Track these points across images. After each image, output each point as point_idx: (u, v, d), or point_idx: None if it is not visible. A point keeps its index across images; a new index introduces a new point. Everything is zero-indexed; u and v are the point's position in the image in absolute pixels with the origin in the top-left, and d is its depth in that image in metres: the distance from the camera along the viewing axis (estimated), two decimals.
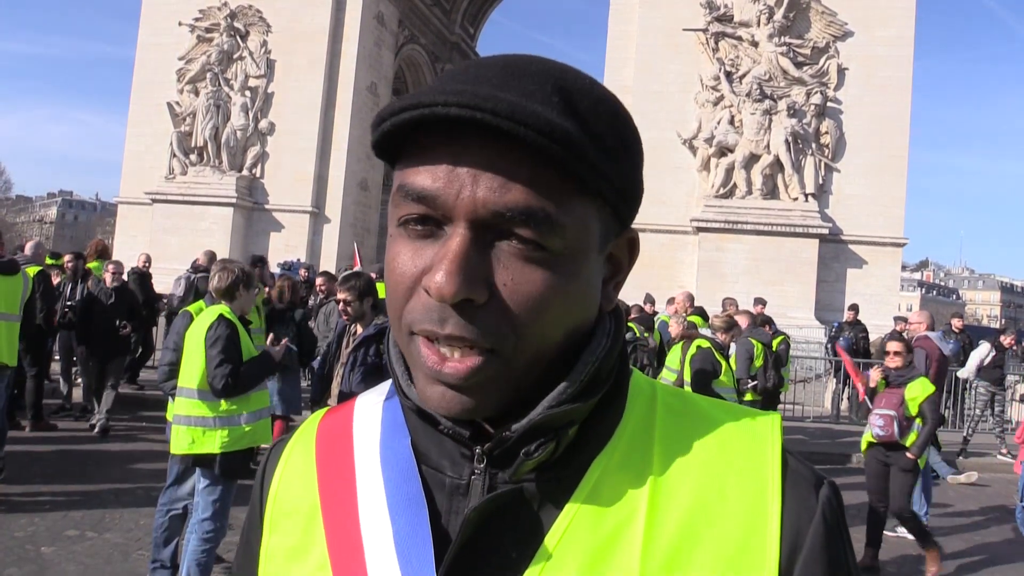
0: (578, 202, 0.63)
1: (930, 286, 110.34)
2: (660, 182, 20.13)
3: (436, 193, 0.61)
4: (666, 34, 20.35)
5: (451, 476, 0.69)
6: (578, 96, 0.64)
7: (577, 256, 0.64)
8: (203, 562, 4.48)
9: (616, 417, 0.70)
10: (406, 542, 0.67)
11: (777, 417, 0.73)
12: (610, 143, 0.64)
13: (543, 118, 0.59)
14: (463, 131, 0.60)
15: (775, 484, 0.66)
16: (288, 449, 0.80)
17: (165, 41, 23.85)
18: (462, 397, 0.63)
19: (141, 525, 5.97)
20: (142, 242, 21.25)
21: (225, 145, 23.05)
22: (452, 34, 32.65)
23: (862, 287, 19.27)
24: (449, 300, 0.60)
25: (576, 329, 0.67)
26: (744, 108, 19.52)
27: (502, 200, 0.60)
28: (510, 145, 0.60)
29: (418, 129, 0.62)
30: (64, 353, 9.81)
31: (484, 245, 0.62)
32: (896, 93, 19.68)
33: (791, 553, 0.64)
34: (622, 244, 0.72)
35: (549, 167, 0.61)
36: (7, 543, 5.45)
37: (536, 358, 0.64)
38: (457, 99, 0.58)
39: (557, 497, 0.67)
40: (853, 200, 19.59)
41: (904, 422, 5.96)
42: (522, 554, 0.65)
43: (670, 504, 0.66)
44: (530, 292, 0.61)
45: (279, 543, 0.75)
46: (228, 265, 4.94)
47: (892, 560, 6.54)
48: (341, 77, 23.59)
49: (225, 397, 4.51)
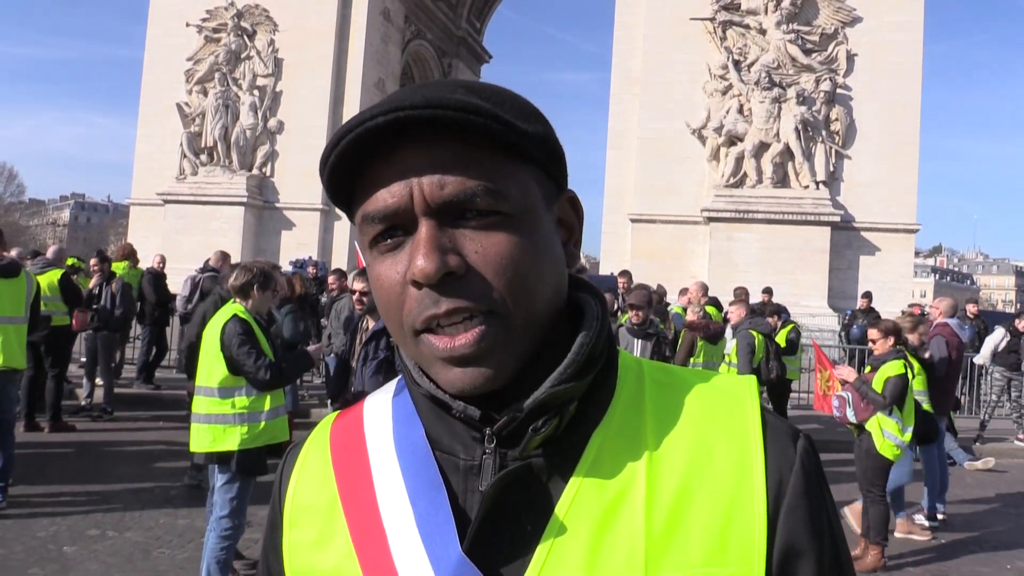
0: (511, 167, 0.71)
1: (944, 272, 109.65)
2: (669, 172, 20.10)
3: (395, 207, 0.69)
4: (673, 24, 20.26)
5: (464, 459, 0.74)
6: (479, 87, 0.73)
7: (528, 214, 0.71)
8: (222, 559, 4.53)
9: (609, 392, 0.76)
10: (428, 522, 0.72)
11: (753, 379, 0.81)
12: (517, 111, 0.72)
13: (456, 99, 0.67)
14: (397, 146, 0.69)
15: (757, 439, 0.73)
16: (304, 451, 0.86)
17: (173, 42, 23.95)
18: (479, 369, 0.69)
19: (161, 524, 6.02)
20: (155, 243, 21.37)
21: (235, 144, 23.14)
22: (459, 29, 32.62)
23: (875, 274, 19.18)
24: (434, 277, 0.67)
25: (554, 289, 0.74)
26: (753, 96, 19.43)
27: (445, 192, 0.68)
28: (437, 140, 0.68)
29: (361, 162, 0.71)
30: (89, 355, 9.88)
31: (447, 228, 0.69)
32: (906, 78, 19.55)
33: (776, 499, 0.71)
34: (565, 205, 0.79)
35: (476, 146, 0.69)
36: (30, 543, 5.51)
37: (528, 317, 0.71)
38: (379, 109, 0.68)
39: (563, 469, 0.72)
40: (864, 187, 19.49)
41: (862, 404, 5.99)
42: (537, 524, 0.71)
43: (666, 466, 0.72)
44: (499, 252, 0.69)
45: (300, 537, 0.80)
46: (248, 264, 4.99)
47: (897, 554, 6.52)
48: (349, 74, 23.64)
49: (270, 389, 4.58)
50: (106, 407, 9.68)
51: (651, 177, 20.18)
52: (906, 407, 5.99)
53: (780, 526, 0.71)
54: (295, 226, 23.29)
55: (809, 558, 0.71)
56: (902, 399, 5.94)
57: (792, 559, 0.71)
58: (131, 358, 12.34)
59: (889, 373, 5.95)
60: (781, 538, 0.71)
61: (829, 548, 0.73)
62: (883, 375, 5.96)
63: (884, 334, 6.20)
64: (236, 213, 22.74)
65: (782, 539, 0.71)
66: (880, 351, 6.19)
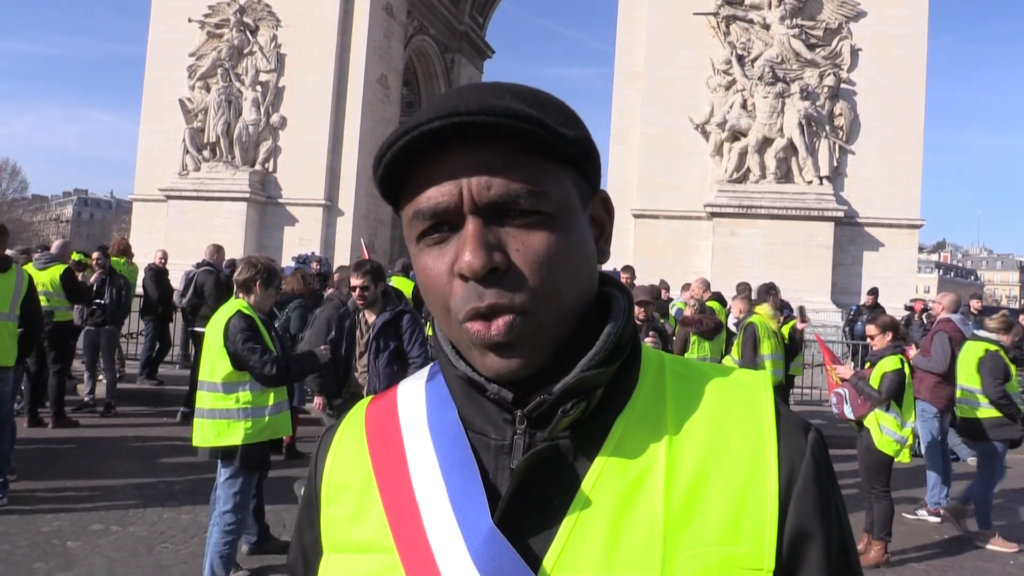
0: (552, 169, 0.75)
1: (948, 267, 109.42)
2: (672, 168, 20.06)
3: (445, 205, 0.74)
4: (676, 19, 20.21)
5: (495, 439, 0.79)
6: (525, 91, 0.78)
7: (567, 214, 0.76)
8: (226, 554, 4.53)
9: (633, 381, 0.82)
10: (461, 497, 0.76)
11: (767, 374, 0.88)
12: (560, 116, 0.77)
13: (505, 106, 0.72)
14: (447, 147, 0.73)
15: (771, 430, 0.79)
16: (339, 431, 0.91)
17: (175, 38, 23.93)
18: (512, 358, 0.74)
19: (164, 519, 6.03)
20: (158, 239, 21.39)
21: (237, 140, 23.14)
22: (461, 24, 32.57)
23: (879, 270, 19.14)
24: (480, 272, 0.72)
25: (586, 283, 0.79)
26: (756, 92, 19.38)
27: (491, 192, 0.73)
28: (485, 142, 0.73)
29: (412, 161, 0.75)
30: (90, 350, 9.88)
31: (492, 227, 0.74)
32: (910, 72, 19.49)
33: (787, 486, 0.76)
34: (598, 204, 0.84)
35: (521, 149, 0.73)
36: (34, 538, 5.52)
37: (559, 312, 0.75)
38: (435, 114, 0.72)
39: (588, 450, 0.77)
40: (868, 182, 19.44)
41: (859, 400, 5.98)
42: (563, 500, 0.75)
43: (685, 451, 0.77)
44: (538, 250, 0.74)
45: (337, 512, 0.84)
46: (253, 259, 4.99)
47: (912, 548, 6.52)
48: (351, 69, 23.62)
49: (275, 385, 4.58)
50: (109, 402, 9.70)
51: (654, 172, 20.14)
52: (905, 402, 5.98)
53: (791, 510, 0.75)
54: (298, 222, 23.29)
55: (817, 541, 0.76)
56: (900, 394, 5.93)
57: (801, 541, 0.75)
58: (134, 354, 12.37)
59: (886, 368, 5.93)
60: (791, 521, 0.75)
61: (836, 534, 0.77)
62: (880, 371, 5.95)
63: (882, 330, 6.19)
64: (239, 209, 22.74)
65: (792, 522, 0.75)
66: (878, 347, 6.17)
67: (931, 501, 7.15)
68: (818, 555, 0.76)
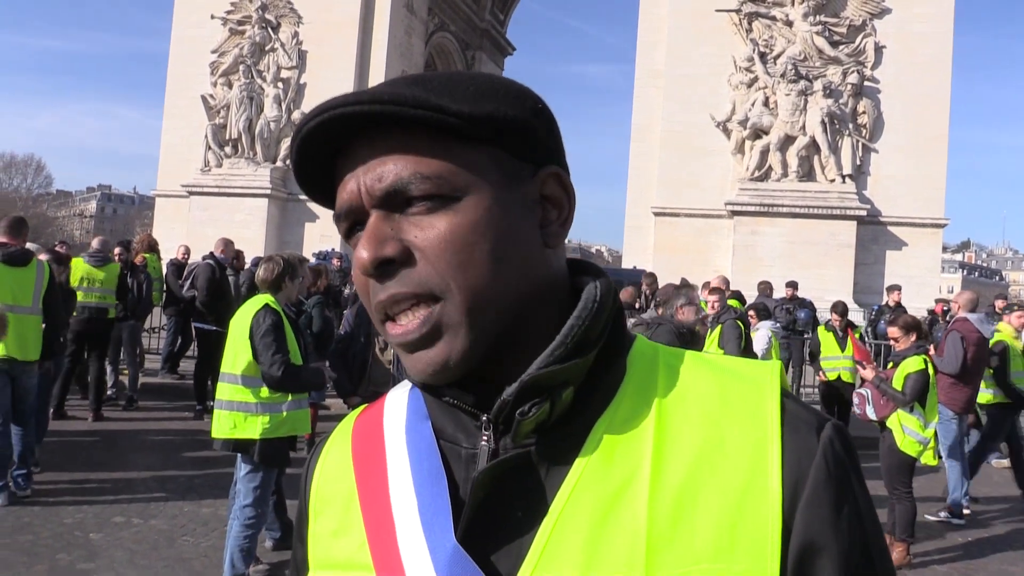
0: (460, 150, 0.70)
1: (972, 267, 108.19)
2: (693, 166, 19.95)
3: (348, 204, 0.72)
4: (698, 16, 20.08)
5: (466, 447, 0.74)
6: (430, 77, 0.72)
7: (475, 195, 0.70)
8: (246, 548, 4.56)
9: (617, 379, 0.74)
10: (429, 512, 0.72)
11: (777, 364, 0.76)
12: (466, 95, 0.70)
13: (392, 92, 0.68)
14: (353, 144, 0.71)
15: (774, 429, 0.69)
16: (328, 445, 0.87)
17: (198, 34, 24.10)
18: (429, 353, 0.69)
19: (185, 512, 6.08)
20: (180, 234, 21.55)
21: (259, 137, 23.28)
22: (482, 21, 32.55)
23: (902, 269, 18.93)
24: (370, 265, 0.69)
25: (521, 269, 0.71)
26: (779, 89, 19.22)
27: (383, 184, 0.69)
28: (380, 134, 0.70)
29: (331, 166, 0.74)
30: (113, 344, 9.97)
31: (394, 218, 0.70)
32: (935, 70, 19.25)
33: (793, 493, 0.67)
34: (547, 180, 0.75)
35: (417, 135, 0.69)
36: (57, 529, 5.59)
37: (481, 297, 0.69)
38: (311, 113, 0.70)
39: (563, 457, 0.70)
40: (892, 181, 19.23)
41: (882, 401, 5.92)
42: (532, 514, 0.69)
43: (674, 455, 0.69)
44: (438, 235, 0.68)
45: (323, 527, 0.81)
46: (274, 256, 5.02)
47: (935, 550, 6.45)
48: (372, 66, 23.66)
49: (279, 389, 4.58)
50: (132, 395, 9.80)
51: (674, 170, 20.04)
52: (928, 403, 5.91)
53: (797, 522, 0.67)
54: (318, 218, 23.37)
55: (831, 554, 0.66)
56: (923, 395, 5.86)
57: (812, 557, 0.66)
58: (156, 348, 12.47)
59: (909, 369, 5.87)
60: (798, 535, 0.66)
61: (857, 543, 0.68)
62: (903, 371, 5.89)
63: (905, 331, 6.12)
64: (260, 205, 22.88)
65: (800, 536, 0.66)
66: (902, 347, 6.12)
67: (952, 502, 7.07)
68: (833, 571, 0.66)
